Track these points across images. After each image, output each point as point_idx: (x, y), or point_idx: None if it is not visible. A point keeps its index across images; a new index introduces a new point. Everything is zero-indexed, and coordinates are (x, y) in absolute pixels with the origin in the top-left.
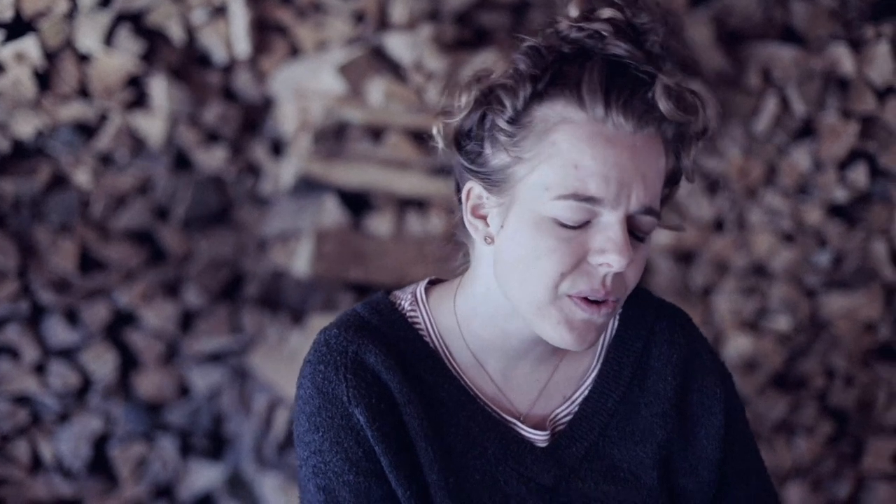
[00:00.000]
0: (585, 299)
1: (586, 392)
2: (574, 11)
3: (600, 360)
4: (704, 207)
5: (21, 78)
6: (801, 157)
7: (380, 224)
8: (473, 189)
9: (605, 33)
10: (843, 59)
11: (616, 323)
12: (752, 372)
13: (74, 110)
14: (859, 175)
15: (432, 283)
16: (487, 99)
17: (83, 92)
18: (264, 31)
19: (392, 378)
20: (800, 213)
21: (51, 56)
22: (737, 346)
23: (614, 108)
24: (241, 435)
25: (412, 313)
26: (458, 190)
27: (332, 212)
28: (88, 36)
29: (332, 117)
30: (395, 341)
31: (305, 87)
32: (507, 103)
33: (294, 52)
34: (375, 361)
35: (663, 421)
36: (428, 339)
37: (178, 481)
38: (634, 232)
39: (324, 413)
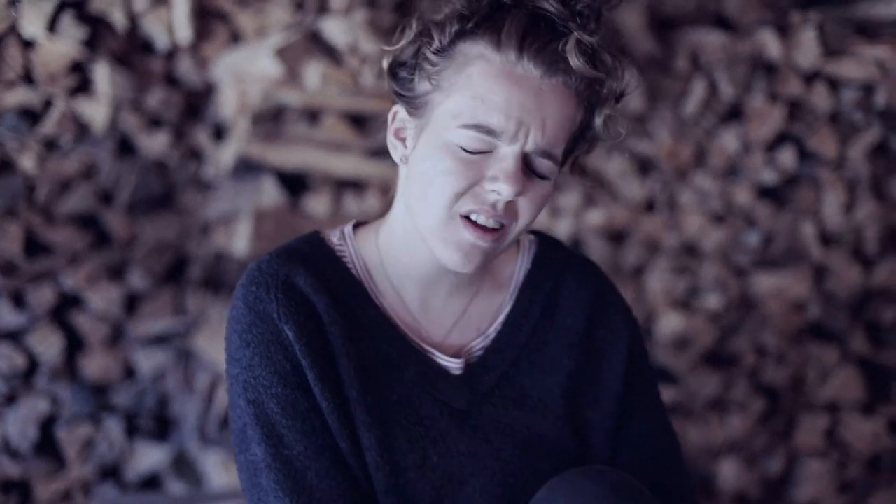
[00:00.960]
0: (475, 224)
1: (499, 326)
2: None
3: (513, 298)
4: (635, 188)
5: None
6: (729, 140)
7: (317, 204)
8: (399, 113)
9: None
10: (770, 44)
11: (529, 264)
12: (685, 349)
13: (19, 96)
14: (787, 157)
15: (359, 225)
16: (422, 34)
17: (28, 78)
18: (206, 17)
19: (319, 300)
20: (729, 194)
21: None
22: (669, 323)
23: (526, 53)
24: (185, 415)
25: (340, 247)
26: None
27: (270, 193)
28: (32, 22)
29: (269, 100)
30: (323, 269)
31: (244, 72)
32: (436, 36)
33: (235, 38)
34: (304, 283)
35: (571, 353)
36: (353, 271)
37: (124, 462)
38: (533, 169)
39: (255, 330)
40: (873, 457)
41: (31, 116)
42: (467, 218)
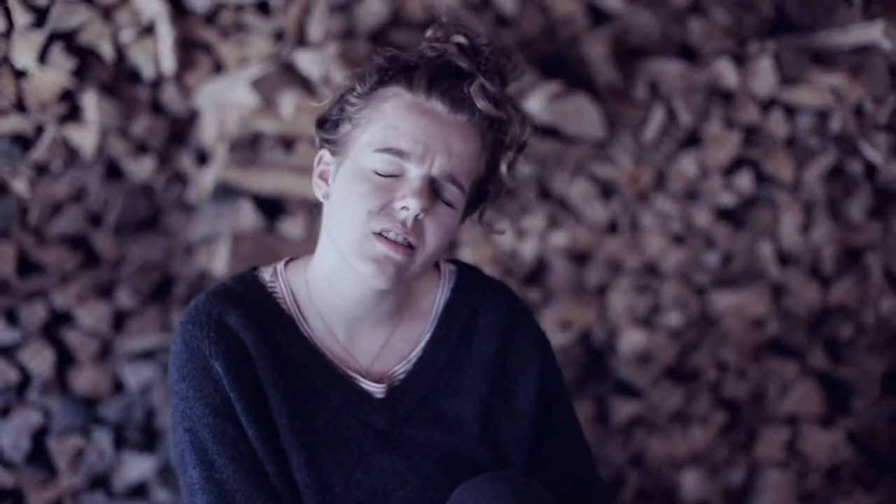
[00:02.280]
0: (387, 239)
1: (420, 352)
2: (430, 33)
3: (433, 325)
4: (598, 211)
5: None
6: (688, 164)
7: (293, 227)
8: (324, 156)
9: (450, 50)
10: (727, 72)
11: (448, 295)
12: (647, 365)
13: (12, 123)
14: (745, 181)
15: (292, 260)
16: (347, 87)
17: (20, 106)
18: (190, 48)
19: (248, 336)
20: (689, 216)
21: None
22: (631, 340)
23: (435, 91)
24: (170, 427)
25: (272, 284)
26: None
27: (248, 216)
28: (24, 54)
29: (247, 128)
30: (255, 307)
31: (224, 101)
32: (358, 85)
33: (218, 68)
34: (235, 322)
35: (485, 378)
36: (284, 307)
37: (112, 472)
38: (440, 195)
39: (189, 365)
40: (832, 467)
41: (24, 142)
42: (381, 234)
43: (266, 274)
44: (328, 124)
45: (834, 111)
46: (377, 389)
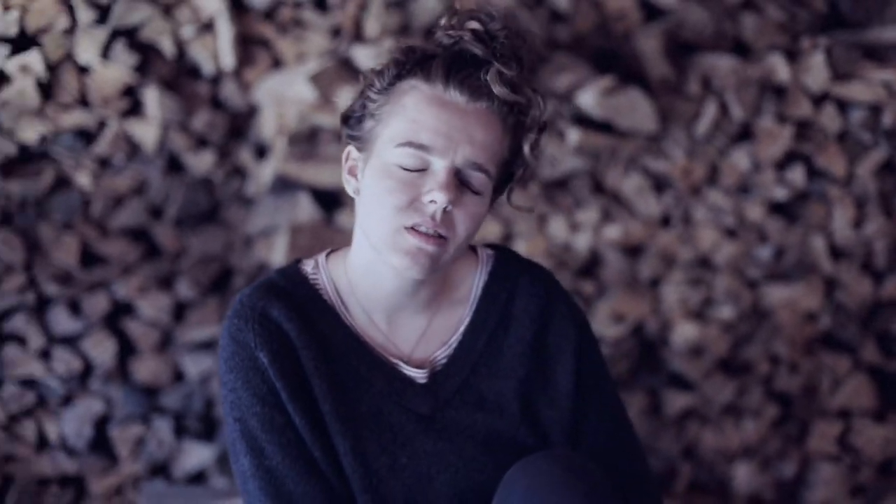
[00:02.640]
0: (418, 232)
1: (460, 337)
2: (444, 21)
3: (472, 311)
4: (652, 204)
5: (26, 88)
6: (740, 159)
7: (349, 219)
8: (351, 152)
9: (465, 37)
10: (779, 68)
11: (485, 279)
12: (699, 357)
13: (75, 118)
14: (797, 175)
15: (333, 252)
16: (367, 83)
17: (83, 101)
18: (249, 45)
19: (291, 328)
20: (742, 210)
21: (53, 68)
22: (684, 333)
23: (452, 81)
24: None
25: (314, 276)
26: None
27: (305, 208)
28: (87, 50)
29: (305, 122)
30: (297, 299)
31: (283, 96)
32: (377, 81)
33: (276, 64)
34: (278, 315)
35: (523, 360)
36: (326, 297)
37: (172, 459)
38: (466, 184)
39: (237, 357)
40: (885, 462)
41: (87, 137)
42: (412, 228)
43: (308, 266)
44: (352, 120)
45: (886, 106)
46: (419, 375)
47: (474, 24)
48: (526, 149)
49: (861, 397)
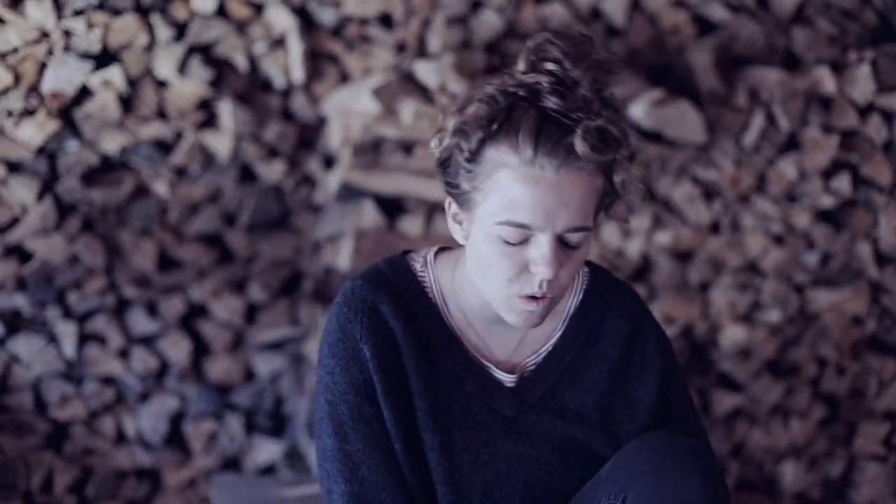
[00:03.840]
0: (528, 297)
1: (550, 348)
2: (521, 65)
3: (564, 325)
4: (701, 212)
5: (108, 102)
6: (787, 168)
7: (411, 225)
8: (452, 204)
9: (544, 85)
10: (826, 79)
11: (581, 297)
12: (748, 359)
13: (154, 129)
14: (843, 183)
15: (442, 250)
16: (454, 138)
17: (161, 114)
18: (318, 60)
19: (397, 325)
20: (789, 217)
21: (133, 83)
22: (732, 335)
23: (540, 153)
24: (297, 413)
25: (422, 273)
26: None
27: (370, 215)
28: (165, 65)
29: (369, 133)
30: (404, 294)
31: (349, 108)
32: (464, 146)
33: (344, 78)
34: (386, 311)
35: (607, 376)
36: (431, 295)
37: (243, 454)
38: (567, 243)
39: (340, 344)
40: None
41: (165, 148)
42: (522, 296)
43: (417, 262)
44: (448, 172)
45: None
46: (508, 379)
47: (551, 66)
48: (617, 180)
49: None
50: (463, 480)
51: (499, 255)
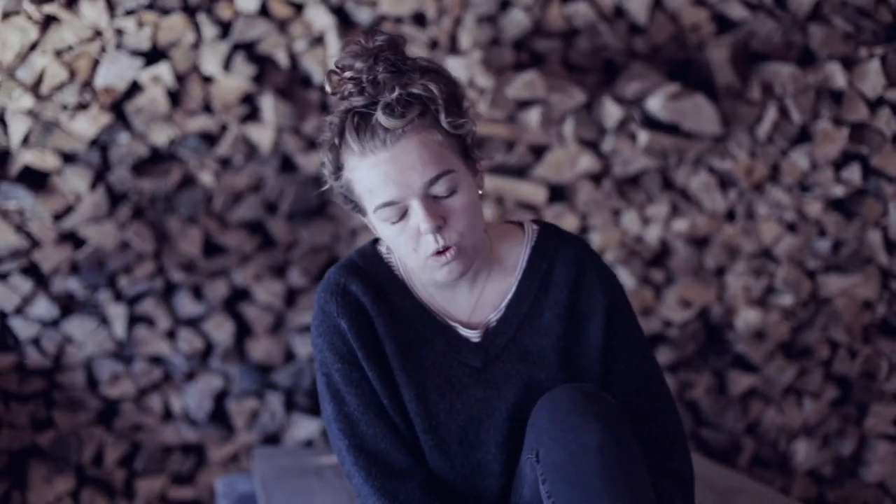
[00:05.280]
0: (437, 253)
1: (508, 301)
2: (328, 87)
3: (518, 279)
4: (717, 200)
5: (157, 96)
6: (799, 159)
7: None
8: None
9: (350, 90)
10: (837, 74)
11: (529, 252)
12: (762, 341)
13: (200, 122)
14: (854, 174)
15: None
16: (324, 170)
17: (207, 108)
18: None
19: (367, 300)
20: (802, 206)
21: (180, 78)
22: (746, 318)
23: (364, 141)
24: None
25: (388, 256)
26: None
27: None
28: (211, 62)
29: None
30: (372, 275)
31: None
32: (328, 169)
33: None
34: (356, 289)
35: (560, 319)
36: (397, 273)
37: (283, 431)
38: (441, 196)
39: (323, 325)
40: None
41: (210, 139)
42: (431, 255)
43: (383, 247)
44: (337, 195)
45: None
46: (473, 335)
47: (349, 74)
48: (450, 121)
49: None
50: (441, 427)
51: (395, 234)
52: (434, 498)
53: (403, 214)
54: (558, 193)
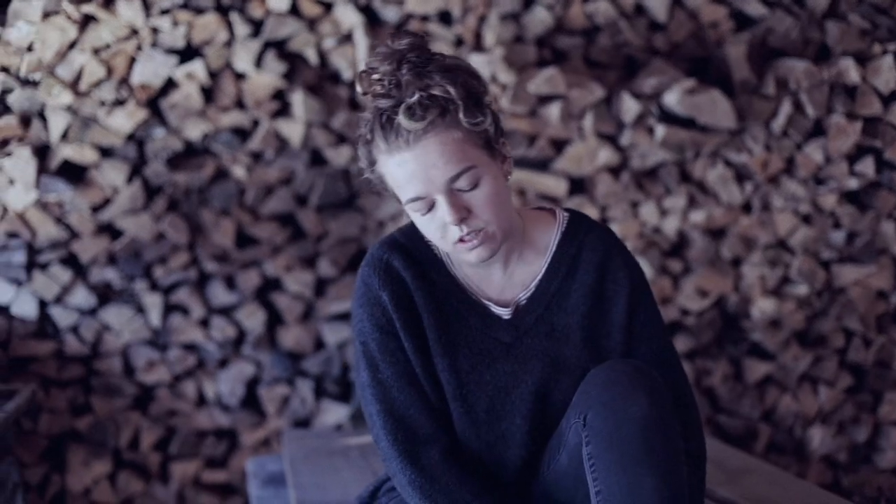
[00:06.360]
0: (463, 240)
1: (538, 281)
2: (359, 87)
3: (548, 262)
4: (734, 193)
5: (191, 93)
6: (814, 152)
7: None
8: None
9: (377, 92)
10: (850, 70)
11: (560, 236)
12: (778, 330)
13: (232, 118)
14: (867, 167)
15: None
16: (359, 164)
17: (239, 103)
18: None
19: (408, 274)
20: (816, 198)
21: (214, 75)
22: (762, 307)
23: (390, 140)
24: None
25: None
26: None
27: None
28: (243, 59)
29: None
30: (413, 252)
31: None
32: (364, 163)
33: None
34: (398, 264)
35: (586, 300)
36: (436, 251)
37: (313, 417)
38: (465, 189)
39: (365, 296)
40: None
41: (242, 134)
42: (458, 241)
43: None
44: (376, 186)
45: None
46: (504, 312)
47: (376, 76)
48: (470, 120)
49: None
50: (470, 396)
51: (425, 224)
52: (453, 464)
53: (431, 206)
54: (578, 186)
